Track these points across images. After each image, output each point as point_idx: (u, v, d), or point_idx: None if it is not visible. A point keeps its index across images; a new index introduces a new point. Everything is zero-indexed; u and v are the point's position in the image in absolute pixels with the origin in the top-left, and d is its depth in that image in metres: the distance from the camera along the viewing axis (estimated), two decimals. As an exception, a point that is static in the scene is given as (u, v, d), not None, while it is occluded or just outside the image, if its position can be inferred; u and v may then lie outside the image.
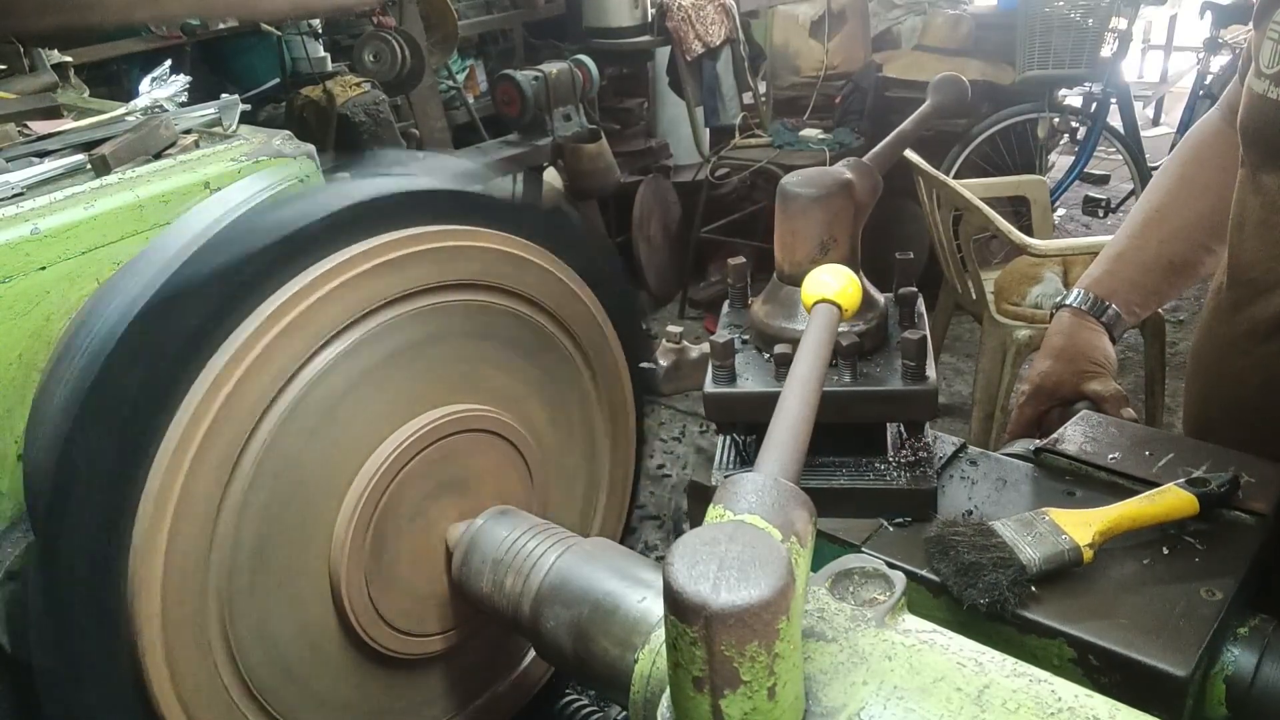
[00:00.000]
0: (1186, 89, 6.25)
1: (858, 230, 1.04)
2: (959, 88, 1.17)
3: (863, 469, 1.05)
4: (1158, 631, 0.85)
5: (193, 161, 1.00)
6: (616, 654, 0.79)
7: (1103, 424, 1.18)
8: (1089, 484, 1.07)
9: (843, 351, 1.00)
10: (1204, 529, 0.96)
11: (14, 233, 0.86)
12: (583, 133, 4.12)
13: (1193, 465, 1.04)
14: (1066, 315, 1.39)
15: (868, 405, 1.01)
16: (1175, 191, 1.43)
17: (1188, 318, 4.74)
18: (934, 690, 0.59)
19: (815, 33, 5.46)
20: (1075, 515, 0.93)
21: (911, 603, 0.93)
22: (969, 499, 1.05)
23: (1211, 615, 0.86)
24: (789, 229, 1.03)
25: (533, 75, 3.97)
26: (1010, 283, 3.56)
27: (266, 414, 0.83)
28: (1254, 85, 1.19)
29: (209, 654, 0.83)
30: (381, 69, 3.58)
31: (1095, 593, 0.90)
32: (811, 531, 0.60)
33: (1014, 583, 0.88)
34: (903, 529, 1.01)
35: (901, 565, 0.95)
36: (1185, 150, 1.46)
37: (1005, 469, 1.11)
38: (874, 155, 1.12)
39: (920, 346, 0.99)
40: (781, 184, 1.02)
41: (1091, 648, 0.85)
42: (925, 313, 1.10)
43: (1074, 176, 5.66)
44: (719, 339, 1.03)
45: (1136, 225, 1.44)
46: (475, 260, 0.97)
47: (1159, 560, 0.94)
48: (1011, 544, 0.91)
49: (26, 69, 1.47)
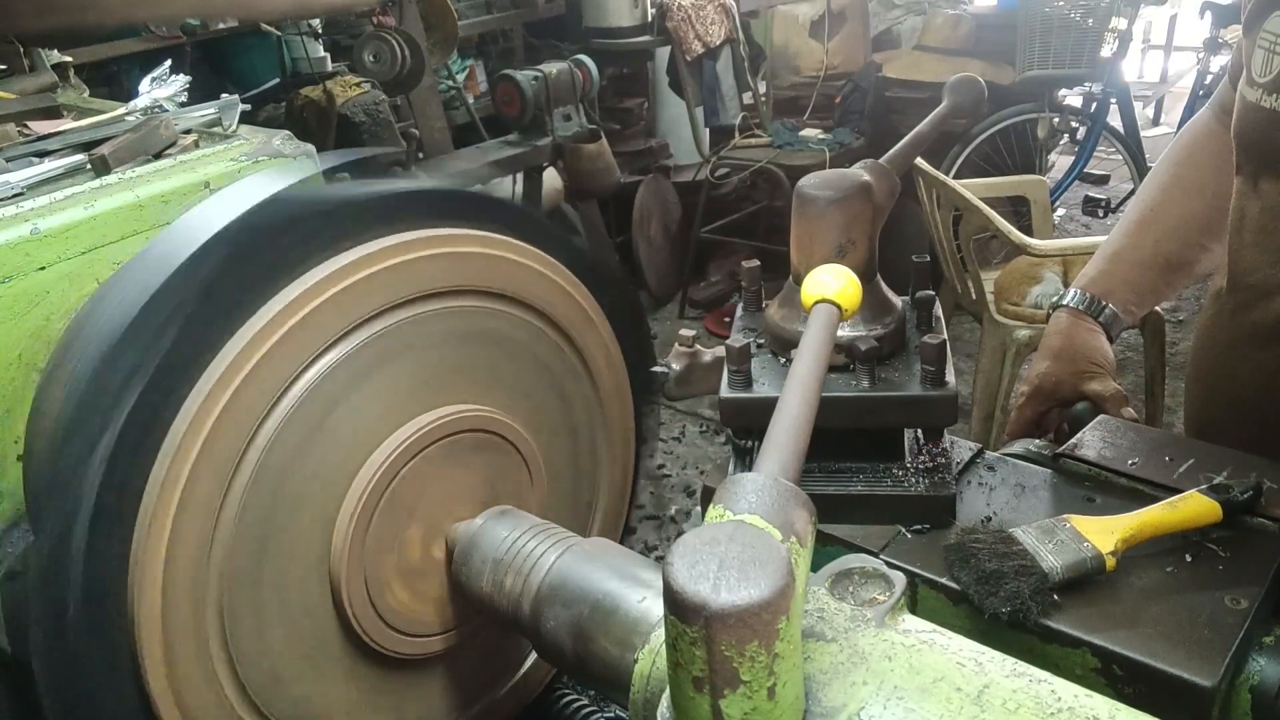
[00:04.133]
0: (1186, 89, 6.26)
1: (875, 233, 1.03)
2: (976, 89, 1.16)
3: (880, 475, 1.03)
4: (1182, 641, 0.83)
5: (193, 161, 1.00)
6: (616, 654, 0.79)
7: (1120, 429, 1.16)
8: (1109, 490, 1.05)
9: (861, 356, 0.99)
10: (1227, 536, 0.95)
11: (14, 233, 0.86)
12: (583, 133, 4.12)
13: (1214, 471, 1.02)
14: (1064, 315, 1.39)
15: (887, 411, 1.00)
16: (1169, 190, 1.43)
17: (1187, 318, 4.74)
18: (934, 690, 0.59)
19: (815, 33, 5.47)
20: (1097, 522, 0.92)
21: (931, 611, 0.94)
22: (987, 505, 1.04)
23: (1236, 624, 0.85)
24: (806, 231, 1.01)
25: (533, 75, 3.97)
26: (1010, 283, 3.56)
27: (267, 417, 0.83)
28: (1247, 94, 1.19)
29: (207, 655, 0.83)
30: (381, 69, 3.58)
31: (1118, 601, 0.89)
32: (811, 531, 0.60)
33: (1036, 591, 0.87)
34: (921, 536, 1.00)
35: (921, 573, 0.94)
36: (1178, 150, 1.46)
37: (1023, 474, 1.09)
38: (891, 157, 1.11)
39: (940, 351, 0.97)
40: (799, 186, 1.01)
41: (1116, 657, 0.83)
42: (943, 317, 1.09)
43: (1074, 176, 5.67)
44: (735, 343, 1.01)
45: (1131, 225, 1.44)
46: (473, 264, 0.97)
47: (1182, 568, 0.92)
48: (1033, 551, 0.90)
49: (26, 69, 1.47)
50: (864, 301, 1.03)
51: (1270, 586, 0.90)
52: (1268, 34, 1.15)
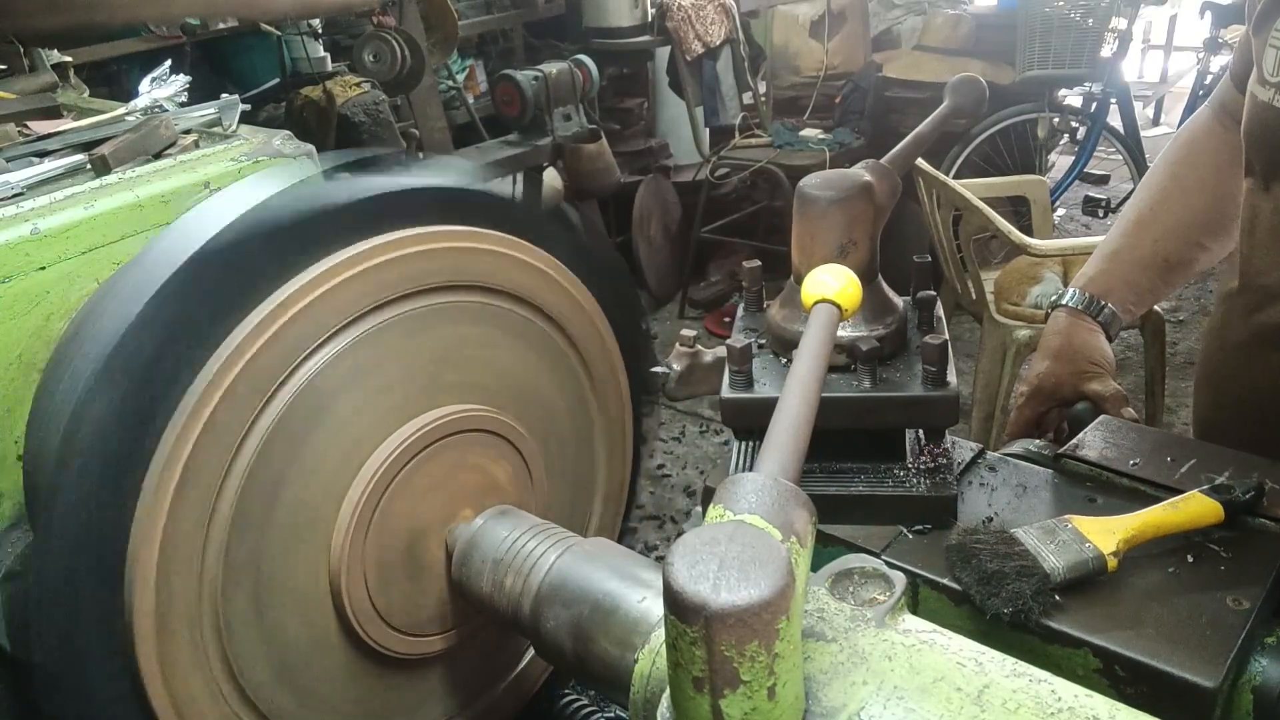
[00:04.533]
0: (1186, 89, 6.26)
1: (877, 233, 1.03)
2: (977, 89, 1.16)
3: (881, 475, 1.03)
4: (1184, 642, 0.83)
5: (193, 161, 1.00)
6: (616, 654, 0.79)
7: (1122, 429, 1.16)
8: (1110, 490, 1.05)
9: (863, 356, 0.99)
10: (1229, 537, 0.94)
11: (14, 233, 0.86)
12: (583, 133, 4.12)
13: (1215, 471, 1.02)
14: (1063, 315, 1.39)
15: (888, 411, 1.00)
16: (1168, 189, 1.43)
17: (1187, 318, 4.74)
18: (934, 690, 0.59)
19: (815, 33, 5.47)
20: (1098, 523, 0.92)
21: (932, 612, 0.93)
22: (989, 505, 1.04)
23: (1239, 625, 0.85)
24: (807, 232, 1.01)
25: (533, 75, 3.97)
26: (1010, 283, 3.56)
27: (263, 413, 0.83)
28: (1258, 93, 1.18)
29: (204, 653, 0.83)
30: (381, 69, 3.58)
31: (1120, 602, 0.89)
32: (811, 531, 0.60)
33: (1038, 592, 0.87)
34: (922, 536, 1.00)
35: (922, 573, 0.94)
36: (1176, 148, 1.45)
37: (1024, 475, 1.09)
38: (892, 157, 1.10)
39: (942, 351, 0.97)
40: (800, 186, 1.00)
41: (1117, 658, 0.83)
42: (945, 317, 1.09)
43: (1074, 176, 5.67)
44: (736, 344, 1.01)
45: (1129, 224, 1.43)
46: (473, 261, 0.97)
47: (1184, 569, 0.92)
48: (1034, 552, 0.90)
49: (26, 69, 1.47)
50: (865, 302, 1.03)
51: (1272, 587, 0.90)
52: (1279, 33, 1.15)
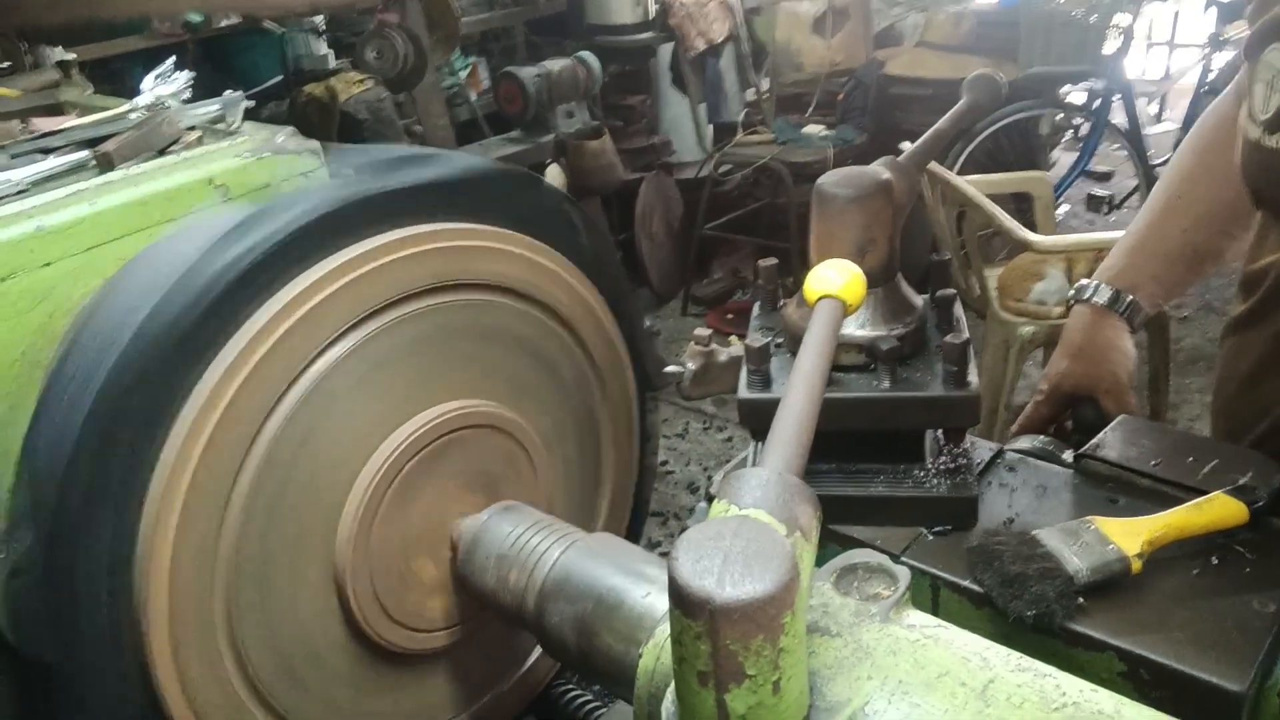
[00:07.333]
0: (1190, 86, 6.24)
1: (896, 232, 1.02)
2: (993, 86, 1.15)
3: (901, 476, 1.02)
4: (1211, 645, 0.82)
5: (197, 158, 1.00)
6: (621, 649, 0.79)
7: (1142, 429, 1.14)
8: (1131, 491, 1.04)
9: (883, 356, 0.98)
10: (1253, 539, 0.93)
11: (18, 229, 0.85)
12: (585, 130, 4.12)
13: (1238, 472, 1.00)
14: (1086, 311, 1.34)
15: (908, 411, 0.99)
16: (1197, 177, 1.37)
17: (1191, 314, 4.73)
18: (938, 685, 0.59)
19: (818, 29, 5.45)
20: (1122, 524, 0.91)
21: (953, 614, 0.92)
22: (1009, 507, 1.03)
23: (1265, 628, 0.83)
24: (826, 230, 0.99)
25: (535, 72, 3.97)
26: (1014, 279, 3.56)
27: (273, 411, 0.83)
28: (1248, 131, 1.13)
29: (215, 648, 0.83)
30: (384, 66, 3.57)
31: (1145, 604, 0.87)
32: (816, 526, 0.60)
33: (1061, 594, 0.85)
34: (943, 537, 0.98)
35: (943, 575, 0.93)
36: (1203, 135, 1.39)
37: (1044, 476, 1.08)
38: (911, 155, 1.09)
39: (963, 351, 0.96)
40: (819, 184, 0.99)
41: (1143, 661, 0.82)
42: (964, 316, 1.07)
43: (1077, 173, 5.66)
44: (754, 343, 1.00)
45: (1156, 214, 1.38)
46: (479, 259, 0.97)
47: (1208, 571, 0.91)
48: (1057, 554, 0.88)
49: (29, 66, 1.47)
50: (885, 301, 1.02)
51: (1298, 590, 0.88)
52: (1269, 66, 1.09)
